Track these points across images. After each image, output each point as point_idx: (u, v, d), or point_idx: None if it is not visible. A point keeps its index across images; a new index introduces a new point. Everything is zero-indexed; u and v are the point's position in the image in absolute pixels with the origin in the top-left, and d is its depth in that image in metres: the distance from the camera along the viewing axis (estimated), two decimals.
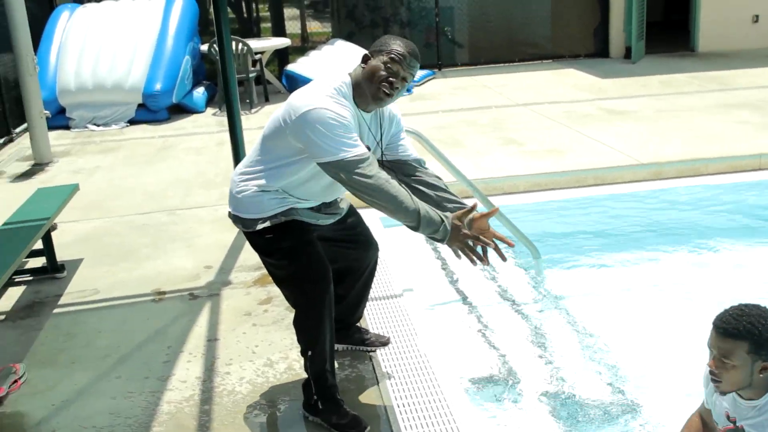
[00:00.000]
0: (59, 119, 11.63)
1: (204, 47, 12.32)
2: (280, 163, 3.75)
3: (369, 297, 4.68)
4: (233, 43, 11.20)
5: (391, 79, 3.72)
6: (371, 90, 3.74)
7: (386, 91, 3.72)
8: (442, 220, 3.55)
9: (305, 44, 15.82)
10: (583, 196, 7.58)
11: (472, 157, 8.44)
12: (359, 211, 4.32)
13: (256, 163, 3.83)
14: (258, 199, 3.80)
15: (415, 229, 3.55)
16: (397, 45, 3.76)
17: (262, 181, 3.79)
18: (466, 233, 3.52)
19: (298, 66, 12.75)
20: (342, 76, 3.79)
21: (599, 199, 7.53)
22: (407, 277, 5.78)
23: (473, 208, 3.60)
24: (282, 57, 14.57)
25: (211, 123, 11.39)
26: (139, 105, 11.65)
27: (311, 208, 3.92)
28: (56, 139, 10.82)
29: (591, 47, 15.87)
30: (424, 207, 3.56)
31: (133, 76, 11.58)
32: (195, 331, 5.04)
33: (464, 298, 5.75)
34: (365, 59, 3.82)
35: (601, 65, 14.75)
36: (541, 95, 11.99)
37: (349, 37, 14.85)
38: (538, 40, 15.84)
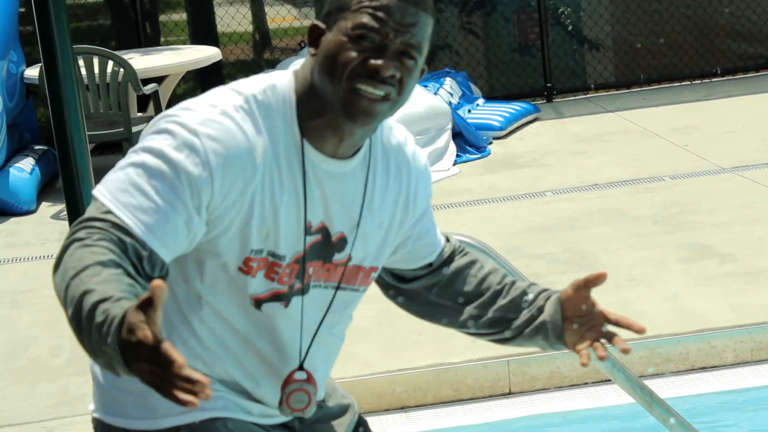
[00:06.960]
0: None
1: (34, 72, 9.43)
2: (179, 302, 2.52)
3: None
4: (89, 61, 8.44)
5: (373, 62, 2.21)
6: (336, 96, 2.27)
7: (368, 87, 2.21)
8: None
9: (260, 56, 12.71)
10: None
11: (613, 293, 6.20)
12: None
13: None
14: (144, 390, 2.44)
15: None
16: None
17: None
18: None
19: None
20: (271, 78, 2.42)
21: None
22: None
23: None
24: (208, 86, 11.41)
25: (48, 235, 8.67)
26: None
27: (243, 392, 2.65)
28: None
29: None
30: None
31: None
32: None
33: None
34: (315, 37, 2.37)
35: None
36: None
37: None
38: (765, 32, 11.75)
